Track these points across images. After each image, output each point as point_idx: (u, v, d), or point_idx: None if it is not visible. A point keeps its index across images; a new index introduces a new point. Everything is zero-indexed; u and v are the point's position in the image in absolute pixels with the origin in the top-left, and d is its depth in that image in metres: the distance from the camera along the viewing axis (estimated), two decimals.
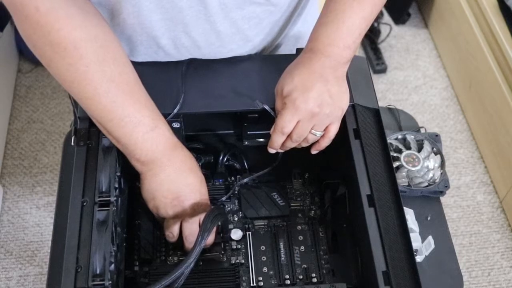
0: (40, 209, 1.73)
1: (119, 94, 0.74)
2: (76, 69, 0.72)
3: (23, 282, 1.59)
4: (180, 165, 0.79)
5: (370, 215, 0.73)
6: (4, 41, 1.91)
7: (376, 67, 2.09)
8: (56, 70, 0.73)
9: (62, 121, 1.92)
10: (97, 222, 0.71)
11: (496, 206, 1.78)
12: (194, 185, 0.80)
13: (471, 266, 1.67)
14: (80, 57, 0.72)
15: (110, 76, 0.74)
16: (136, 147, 0.76)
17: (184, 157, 0.80)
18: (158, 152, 0.77)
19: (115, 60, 0.75)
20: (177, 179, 0.79)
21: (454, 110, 2.01)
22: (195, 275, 0.77)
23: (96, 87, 0.73)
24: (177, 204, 0.79)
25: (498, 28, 1.74)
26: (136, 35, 0.84)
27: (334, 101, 0.77)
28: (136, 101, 0.76)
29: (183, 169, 0.80)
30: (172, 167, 0.79)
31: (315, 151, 0.83)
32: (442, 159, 0.96)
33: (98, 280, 0.68)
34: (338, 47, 0.78)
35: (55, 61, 0.72)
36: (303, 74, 0.77)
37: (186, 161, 0.80)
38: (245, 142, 0.93)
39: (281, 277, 0.81)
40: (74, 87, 0.74)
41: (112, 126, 0.75)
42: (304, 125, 0.77)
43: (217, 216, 0.79)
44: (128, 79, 0.76)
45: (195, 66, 0.87)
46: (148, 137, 0.76)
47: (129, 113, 0.75)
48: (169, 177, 0.78)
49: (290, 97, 0.76)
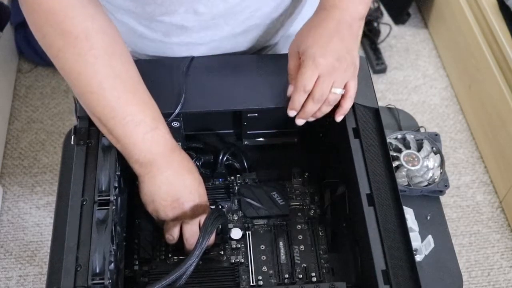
0: (39, 209, 1.73)
1: (124, 91, 0.74)
2: (85, 60, 0.71)
3: (23, 282, 1.59)
4: (178, 168, 0.79)
5: (370, 215, 0.73)
6: (4, 41, 1.91)
7: (376, 67, 2.09)
8: (64, 60, 0.72)
9: (62, 121, 1.92)
10: (97, 221, 0.71)
11: (496, 206, 1.78)
12: (193, 187, 0.80)
13: (471, 266, 1.67)
14: (90, 48, 0.71)
15: (117, 72, 0.73)
16: (135, 147, 0.76)
17: (182, 159, 0.80)
18: (157, 153, 0.77)
19: (121, 55, 0.74)
20: (176, 181, 0.79)
21: (453, 110, 2.01)
22: (195, 274, 0.77)
23: (102, 81, 0.73)
24: (177, 207, 0.79)
25: (498, 28, 1.74)
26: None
27: (351, 57, 0.77)
28: (140, 100, 0.76)
29: (182, 171, 0.79)
30: (171, 169, 0.78)
31: (340, 116, 0.81)
32: (441, 159, 0.96)
33: (98, 279, 0.68)
34: (352, 1, 0.77)
35: (64, 51, 0.71)
36: (319, 30, 0.77)
37: (184, 163, 0.80)
38: (245, 141, 0.93)
39: (281, 276, 0.81)
40: (81, 79, 0.73)
41: (113, 124, 0.75)
42: (326, 81, 0.76)
43: (217, 218, 0.79)
44: (132, 76, 0.76)
45: (195, 65, 0.87)
46: (148, 138, 0.76)
47: (131, 112, 0.75)
48: (168, 180, 0.78)
49: (308, 54, 0.75)
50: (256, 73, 0.86)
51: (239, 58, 0.90)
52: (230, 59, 0.89)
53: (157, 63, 0.88)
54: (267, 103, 0.83)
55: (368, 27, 2.13)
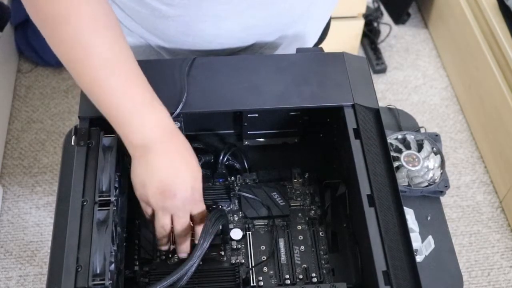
0: (40, 209, 1.73)
1: (128, 70, 0.74)
2: (94, 34, 0.72)
3: (23, 282, 1.60)
4: (176, 155, 0.77)
5: (370, 215, 0.73)
6: (4, 41, 1.91)
7: (376, 67, 2.09)
8: (73, 31, 0.71)
9: (62, 121, 1.93)
10: (97, 222, 0.71)
11: (496, 206, 1.78)
12: (187, 178, 0.77)
13: (471, 266, 1.67)
14: (98, 22, 0.72)
15: (121, 49, 0.73)
16: (131, 128, 0.74)
17: (181, 147, 0.77)
18: (154, 138, 0.75)
19: (123, 38, 0.75)
20: (171, 170, 0.76)
21: (453, 110, 2.01)
22: (195, 274, 0.77)
23: (109, 58, 0.72)
24: (168, 196, 0.76)
25: (498, 28, 1.74)
26: None
27: None
28: (142, 81, 0.75)
29: (179, 160, 0.77)
30: (167, 156, 0.75)
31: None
32: (442, 159, 0.96)
33: (98, 279, 0.68)
34: None
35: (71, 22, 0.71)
36: None
37: (182, 151, 0.77)
38: (246, 141, 0.93)
39: (281, 277, 0.81)
40: (87, 54, 0.72)
41: (113, 103, 0.73)
42: None
43: (219, 218, 0.79)
44: (134, 59, 0.75)
45: (195, 65, 0.87)
46: (147, 119, 0.74)
47: (133, 94, 0.74)
48: (163, 167, 0.75)
49: None
50: (256, 73, 0.86)
51: (239, 58, 0.90)
52: (230, 59, 0.89)
53: (158, 63, 0.88)
54: (268, 103, 0.83)
55: (368, 27, 2.13)
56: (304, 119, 0.90)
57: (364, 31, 2.06)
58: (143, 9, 0.87)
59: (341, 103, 0.83)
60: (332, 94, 0.83)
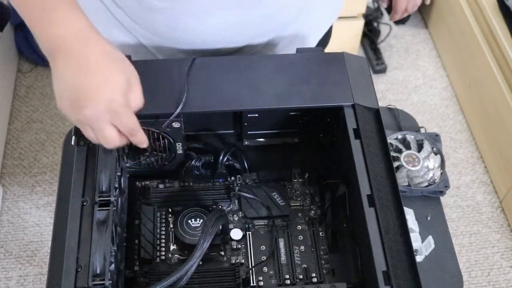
0: (39, 209, 1.73)
1: None
2: None
3: (23, 282, 1.60)
4: (91, 62, 0.68)
5: (370, 215, 0.73)
6: (4, 41, 1.91)
7: (376, 67, 2.09)
8: None
9: (62, 121, 1.92)
10: (97, 222, 0.71)
11: (496, 206, 1.78)
12: (102, 89, 0.68)
13: (471, 266, 1.67)
14: None
15: None
16: (45, 26, 0.68)
17: (100, 53, 0.69)
18: (64, 41, 0.68)
19: None
20: (79, 79, 0.67)
21: (453, 110, 2.01)
22: (195, 274, 0.77)
23: None
24: (78, 108, 0.68)
25: (498, 28, 1.74)
26: None
27: None
28: None
29: (94, 67, 0.68)
30: (77, 63, 0.68)
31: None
32: (442, 159, 0.96)
33: (98, 280, 0.68)
34: None
35: None
36: None
37: (100, 57, 0.69)
38: (245, 142, 0.93)
39: (281, 277, 0.81)
40: None
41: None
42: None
43: (219, 218, 0.79)
44: None
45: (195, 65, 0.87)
46: (66, 16, 0.68)
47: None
48: (71, 76, 0.68)
49: None
50: (256, 73, 0.86)
51: (239, 58, 0.90)
52: (230, 59, 0.89)
53: (158, 64, 0.88)
54: (268, 103, 0.83)
55: (368, 27, 2.13)
56: (304, 119, 0.90)
57: (364, 31, 2.06)
58: (134, 2, 0.86)
59: (341, 103, 0.83)
60: (332, 94, 0.83)
